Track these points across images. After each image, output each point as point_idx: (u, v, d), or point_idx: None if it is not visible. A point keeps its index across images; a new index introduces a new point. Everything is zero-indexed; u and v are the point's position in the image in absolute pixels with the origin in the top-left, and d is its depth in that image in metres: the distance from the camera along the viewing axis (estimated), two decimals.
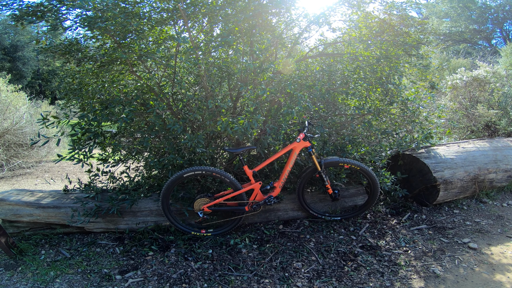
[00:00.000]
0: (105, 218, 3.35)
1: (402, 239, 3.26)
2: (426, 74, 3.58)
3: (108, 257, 3.04)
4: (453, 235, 3.30)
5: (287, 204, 3.61)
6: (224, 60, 3.56)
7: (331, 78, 3.52)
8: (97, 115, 3.11)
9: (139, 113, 3.28)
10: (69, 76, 3.33)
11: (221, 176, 3.15)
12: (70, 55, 2.98)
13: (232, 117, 3.14)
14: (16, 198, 3.37)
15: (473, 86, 5.53)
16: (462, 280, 2.63)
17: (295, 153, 3.27)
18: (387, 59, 3.32)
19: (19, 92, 6.72)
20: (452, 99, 5.64)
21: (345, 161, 3.32)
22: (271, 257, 2.99)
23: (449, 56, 12.44)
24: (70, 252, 3.12)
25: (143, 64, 3.33)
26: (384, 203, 3.98)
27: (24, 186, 5.76)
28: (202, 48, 3.30)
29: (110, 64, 3.18)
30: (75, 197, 3.39)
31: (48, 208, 3.32)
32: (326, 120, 3.53)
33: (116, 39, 2.94)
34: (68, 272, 2.84)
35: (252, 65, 2.94)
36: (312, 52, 3.61)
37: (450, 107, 5.43)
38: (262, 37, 3.24)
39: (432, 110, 4.21)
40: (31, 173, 6.64)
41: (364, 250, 3.07)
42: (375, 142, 3.72)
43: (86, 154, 3.06)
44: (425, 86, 3.78)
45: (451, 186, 3.72)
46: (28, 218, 3.33)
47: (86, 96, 3.26)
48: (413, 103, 3.55)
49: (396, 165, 4.01)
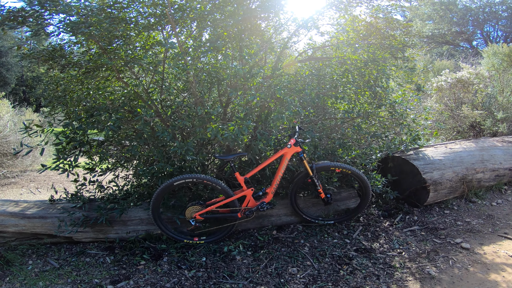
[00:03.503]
0: (94, 228, 3.25)
1: (396, 241, 3.27)
2: (412, 76, 3.63)
3: (98, 267, 2.95)
4: (446, 236, 3.33)
5: (280, 209, 3.58)
6: (214, 65, 3.53)
7: (320, 82, 3.53)
8: (83, 123, 3.03)
9: (127, 121, 3.20)
10: (53, 83, 3.23)
11: (212, 184, 3.10)
12: (53, 61, 2.89)
13: (222, 124, 3.10)
14: (1, 209, 3.25)
15: (457, 88, 5.65)
16: (458, 280, 2.65)
17: (286, 159, 3.25)
18: (375, 62, 3.35)
19: (2, 99, 6.52)
20: (437, 100, 5.74)
21: (337, 165, 3.31)
22: (266, 263, 2.96)
23: (433, 58, 12.72)
24: (58, 262, 3.02)
25: (130, 71, 3.26)
26: (376, 205, 3.99)
27: (9, 196, 5.57)
28: (191, 54, 3.26)
29: (95, 70, 3.11)
30: (61, 207, 3.29)
31: (33, 219, 3.21)
32: (317, 124, 3.53)
33: (102, 44, 2.88)
34: (58, 282, 2.75)
35: (241, 70, 2.92)
36: (301, 56, 3.61)
37: (436, 108, 5.53)
38: (251, 41, 3.23)
39: (419, 112, 4.27)
40: (16, 183, 6.43)
41: (358, 253, 3.07)
42: (365, 145, 3.74)
43: (71, 164, 2.96)
44: (411, 89, 3.83)
45: (440, 187, 3.77)
46: (13, 229, 3.21)
47: (71, 103, 3.17)
48: (400, 106, 3.59)
49: (387, 167, 4.04)
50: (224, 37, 3.20)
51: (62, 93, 3.23)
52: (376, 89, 3.42)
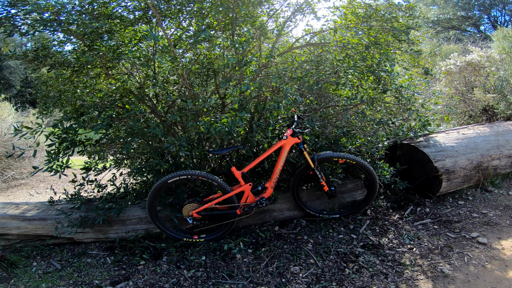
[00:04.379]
0: (94, 228, 3.21)
1: (406, 235, 3.07)
2: (418, 60, 3.35)
3: (99, 268, 2.91)
4: (460, 229, 3.10)
5: (283, 203, 3.43)
6: (208, 56, 3.36)
7: (319, 68, 3.30)
8: (73, 123, 2.94)
9: (119, 118, 3.10)
10: (42, 83, 3.15)
11: (207, 180, 2.97)
12: (38, 61, 2.80)
13: (215, 117, 2.95)
14: (2, 212, 3.26)
15: (467, 71, 5.33)
16: (473, 278, 2.45)
17: (285, 151, 3.07)
18: (376, 46, 3.10)
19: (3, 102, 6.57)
20: (447, 84, 5.44)
21: (340, 156, 3.11)
22: (267, 262, 2.83)
23: (440, 43, 12.27)
24: (61, 264, 3.00)
25: (118, 67, 3.13)
26: (385, 196, 3.78)
27: (19, 197, 5.67)
28: (182, 45, 3.09)
29: (82, 68, 2.99)
30: (59, 208, 3.25)
31: (34, 221, 3.21)
32: (317, 112, 3.32)
33: (86, 42, 2.75)
34: (60, 284, 2.72)
35: (232, 59, 2.73)
36: (298, 42, 3.37)
37: (446, 92, 5.20)
38: (242, 29, 3.02)
39: (428, 96, 3.97)
40: (26, 184, 6.53)
41: (365, 250, 2.90)
42: (370, 133, 3.51)
43: (62, 165, 2.89)
44: (418, 73, 3.55)
45: (453, 176, 3.51)
46: (16, 231, 3.23)
47: (59, 103, 3.08)
48: (407, 90, 3.33)
49: (395, 156, 3.80)
50: (214, 26, 3.02)
51: (52, 93, 3.15)
52: (379, 73, 3.18)
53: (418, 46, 3.20)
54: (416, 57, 3.23)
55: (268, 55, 2.95)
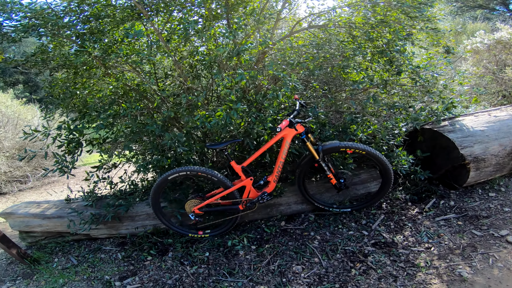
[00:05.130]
0: (107, 224, 3.31)
1: (425, 233, 2.74)
2: (438, 38, 2.89)
3: (111, 263, 3.02)
4: (488, 226, 2.69)
5: (290, 197, 3.26)
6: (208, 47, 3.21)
7: (319, 52, 2.99)
8: (78, 124, 3.01)
9: (120, 116, 3.11)
10: (46, 87, 3.26)
11: (207, 175, 2.88)
12: (38, 65, 2.87)
13: (212, 110, 2.83)
14: (24, 211, 3.47)
15: (497, 49, 4.70)
16: (495, 283, 2.12)
17: (287, 142, 2.86)
18: (384, 24, 2.73)
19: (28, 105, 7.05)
20: (475, 63, 4.75)
21: (347, 145, 2.82)
22: (269, 259, 2.72)
23: (465, 21, 10.91)
24: (78, 259, 3.16)
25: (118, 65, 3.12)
26: (403, 188, 3.41)
27: (53, 194, 6.08)
28: (176, 39, 2.99)
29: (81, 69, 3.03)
30: (73, 207, 3.39)
31: (53, 219, 3.38)
32: (321, 99, 3.05)
33: (78, 42, 2.75)
34: (75, 279, 2.86)
35: (221, 49, 2.57)
36: (300, 26, 3.07)
37: (474, 72, 4.53)
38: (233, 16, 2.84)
39: (451, 77, 3.45)
40: (58, 181, 7.03)
41: (376, 248, 2.65)
42: (385, 118, 3.15)
43: (68, 166, 2.99)
44: (439, 52, 3.07)
45: (483, 164, 3.04)
46: (39, 229, 3.43)
47: (62, 105, 3.16)
48: (426, 71, 2.91)
49: (415, 142, 3.39)
50: (206, 17, 2.86)
51: (56, 96, 3.24)
52: (391, 54, 2.81)
53: (435, 23, 2.76)
54: (435, 36, 2.79)
55: (263, 42, 2.74)
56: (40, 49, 2.83)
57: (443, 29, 3.00)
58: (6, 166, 6.73)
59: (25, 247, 3.53)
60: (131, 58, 2.90)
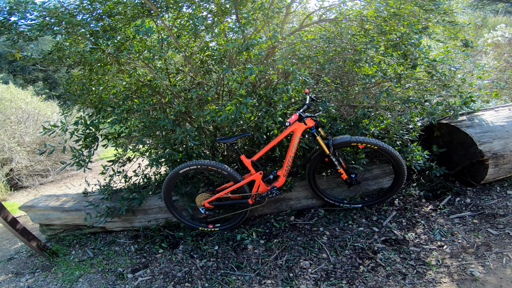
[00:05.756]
0: (121, 217, 3.42)
1: (438, 230, 2.66)
2: (456, 31, 2.77)
3: (124, 256, 3.11)
4: (505, 225, 2.57)
5: (300, 191, 3.24)
6: (218, 42, 3.23)
7: (330, 45, 2.94)
8: (94, 119, 3.10)
9: (132, 112, 3.18)
10: (62, 84, 3.38)
11: (217, 169, 2.91)
12: (55, 63, 2.97)
13: (222, 104, 2.85)
14: (44, 204, 3.59)
15: None
16: (507, 284, 2.04)
17: (297, 136, 2.84)
18: (397, 17, 2.64)
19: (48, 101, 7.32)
20: (496, 57, 4.49)
21: (358, 140, 2.76)
22: (277, 254, 2.72)
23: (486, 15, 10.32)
24: (93, 252, 3.26)
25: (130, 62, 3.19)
26: (418, 184, 3.30)
27: (71, 187, 6.32)
28: (186, 35, 3.02)
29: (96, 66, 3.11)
30: (90, 200, 3.50)
31: (71, 212, 3.49)
32: (331, 93, 2.99)
33: (92, 40, 2.83)
34: (90, 271, 2.96)
35: (230, 44, 2.57)
36: (310, 19, 3.02)
37: (494, 66, 4.29)
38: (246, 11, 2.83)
39: (470, 71, 3.28)
40: (77, 175, 7.27)
41: (386, 245, 2.60)
42: (399, 113, 3.06)
43: (85, 160, 3.08)
44: (456, 45, 2.94)
45: (503, 161, 2.89)
46: (58, 221, 3.56)
47: (79, 101, 3.27)
48: (442, 65, 2.80)
49: (431, 137, 3.28)
50: (215, 12, 2.87)
51: (73, 92, 3.35)
52: (405, 47, 2.71)
53: (452, 16, 2.65)
54: (452, 29, 2.68)
55: (272, 36, 2.73)
56: (56, 47, 2.93)
57: (461, 22, 2.87)
58: (27, 160, 7.05)
59: (45, 240, 3.68)
60: (143, 55, 2.96)
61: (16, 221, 3.07)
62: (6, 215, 3.00)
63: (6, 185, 6.75)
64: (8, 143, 6.92)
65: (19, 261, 3.35)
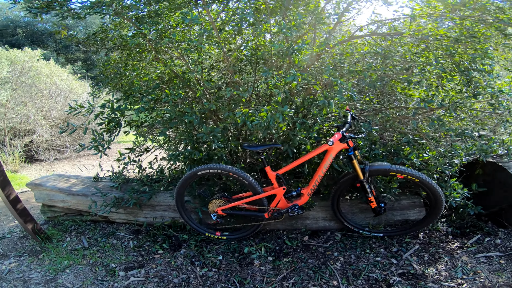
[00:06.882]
0: (126, 210, 3.26)
1: (460, 268, 2.42)
2: None
3: (120, 251, 2.91)
4: None
5: (319, 212, 3.03)
6: (257, 43, 3.14)
7: (385, 62, 2.80)
8: (121, 104, 3.02)
9: (160, 102, 3.09)
10: (99, 65, 3.35)
11: (238, 177, 2.72)
12: (97, 44, 2.94)
13: (254, 109, 2.71)
14: (52, 184, 3.45)
15: None
16: None
17: (331, 155, 2.64)
18: (472, 39, 2.47)
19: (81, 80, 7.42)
20: None
21: (399, 170, 2.53)
22: (284, 274, 2.49)
23: None
24: (89, 242, 3.08)
25: (168, 51, 3.13)
26: (447, 220, 3.06)
27: (84, 170, 6.19)
28: (229, 30, 2.95)
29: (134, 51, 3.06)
30: (99, 187, 3.35)
31: (77, 196, 3.35)
32: (378, 114, 2.82)
33: (137, 24, 2.78)
34: (80, 262, 2.75)
35: (277, 46, 2.46)
36: (361, 31, 2.90)
37: None
38: (293, 13, 2.75)
39: None
40: (93, 155, 7.16)
41: (403, 279, 2.35)
42: (445, 145, 2.85)
43: (103, 145, 2.97)
44: None
45: None
46: (61, 204, 3.41)
47: (111, 84, 3.21)
48: (509, 97, 2.61)
49: (472, 175, 3.05)
50: (263, 10, 2.80)
51: (109, 74, 3.30)
52: (472, 73, 2.53)
53: None
54: None
55: (323, 43, 2.61)
56: (102, 28, 2.91)
57: None
58: (49, 134, 7.09)
59: (43, 221, 3.52)
60: (182, 45, 2.89)
61: (18, 200, 2.89)
62: (10, 192, 2.83)
63: (21, 156, 6.74)
64: (34, 115, 6.97)
65: (9, 242, 3.16)
